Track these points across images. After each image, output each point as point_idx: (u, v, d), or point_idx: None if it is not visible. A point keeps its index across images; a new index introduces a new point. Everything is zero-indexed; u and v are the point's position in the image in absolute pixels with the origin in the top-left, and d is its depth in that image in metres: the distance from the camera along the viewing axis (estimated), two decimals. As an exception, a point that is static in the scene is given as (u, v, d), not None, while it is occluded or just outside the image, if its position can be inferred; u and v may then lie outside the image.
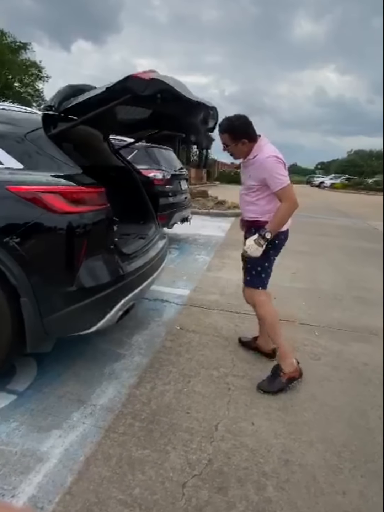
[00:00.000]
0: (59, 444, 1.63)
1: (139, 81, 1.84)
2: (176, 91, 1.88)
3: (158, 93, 1.86)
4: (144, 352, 2.45)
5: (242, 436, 1.74)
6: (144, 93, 1.85)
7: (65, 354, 2.32)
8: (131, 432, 1.72)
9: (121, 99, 1.92)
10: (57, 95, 2.19)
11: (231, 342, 2.65)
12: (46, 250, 1.84)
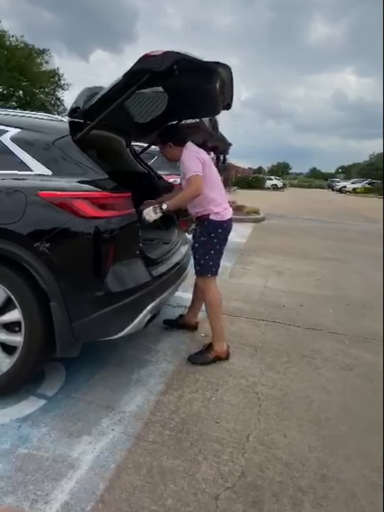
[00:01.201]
0: (89, 450, 1.62)
1: (154, 58, 1.85)
2: (191, 57, 1.89)
3: (174, 65, 1.86)
4: (170, 358, 2.43)
5: (275, 449, 1.69)
6: (161, 68, 1.84)
7: (92, 359, 2.33)
8: (161, 441, 1.69)
9: (141, 80, 1.92)
10: (79, 97, 2.23)
11: (258, 350, 2.60)
12: (74, 254, 1.86)
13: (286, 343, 2.74)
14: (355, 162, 70.02)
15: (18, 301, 1.82)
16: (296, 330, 2.97)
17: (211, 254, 2.40)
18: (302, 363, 2.45)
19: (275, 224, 9.56)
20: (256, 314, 3.28)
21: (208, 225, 2.39)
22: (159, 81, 2.20)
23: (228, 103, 2.74)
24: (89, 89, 2.32)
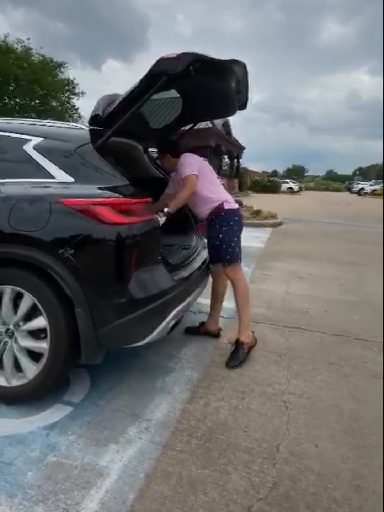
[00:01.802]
0: (117, 459, 1.61)
1: (170, 60, 1.88)
2: (206, 56, 1.93)
3: (190, 66, 1.89)
4: (194, 366, 2.41)
5: (306, 459, 1.63)
6: (178, 70, 1.87)
7: (116, 366, 2.33)
8: (189, 450, 1.67)
9: (158, 84, 1.94)
10: (98, 105, 2.27)
11: (283, 357, 2.54)
12: (98, 261, 1.87)
13: (311, 350, 2.67)
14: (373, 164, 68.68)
15: (43, 307, 1.85)
16: (321, 337, 2.90)
17: (235, 241, 2.53)
18: (330, 370, 2.39)
19: (294, 228, 9.44)
20: (279, 320, 3.22)
21: (225, 215, 2.52)
22: (176, 83, 2.22)
23: (244, 102, 2.75)
24: (108, 97, 2.37)
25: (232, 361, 2.42)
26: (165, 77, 1.94)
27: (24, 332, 1.93)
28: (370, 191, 34.10)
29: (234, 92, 2.49)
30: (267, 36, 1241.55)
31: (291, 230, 9.08)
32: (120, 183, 2.03)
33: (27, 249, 1.84)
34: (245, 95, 2.68)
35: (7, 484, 1.47)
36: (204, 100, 2.74)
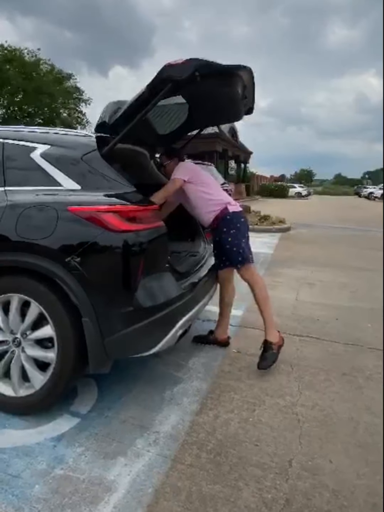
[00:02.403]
0: (125, 472, 1.58)
1: (176, 66, 1.87)
2: (211, 62, 1.92)
3: (196, 71, 1.87)
4: (203, 376, 2.36)
5: (320, 475, 1.58)
6: (183, 76, 1.86)
7: (124, 376, 2.30)
8: (199, 464, 1.62)
9: (164, 90, 1.94)
10: (105, 111, 2.27)
11: (294, 367, 2.48)
12: (105, 269, 1.85)
13: (323, 359, 2.61)
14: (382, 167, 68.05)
15: (50, 316, 1.83)
16: (333, 346, 2.84)
17: (244, 242, 2.53)
18: (343, 381, 2.32)
19: (303, 234, 9.36)
20: (289, 328, 3.16)
21: (232, 218, 2.51)
22: (182, 89, 2.21)
23: (250, 107, 2.74)
24: (114, 104, 2.37)
25: (263, 362, 2.40)
26: (171, 83, 1.93)
27: (31, 341, 1.92)
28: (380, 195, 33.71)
29: (241, 97, 2.47)
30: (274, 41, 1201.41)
31: (300, 236, 9.00)
32: (127, 190, 2.01)
33: (34, 257, 1.83)
34: (252, 101, 2.67)
35: (14, 497, 1.45)
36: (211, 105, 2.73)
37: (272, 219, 10.67)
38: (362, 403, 2.09)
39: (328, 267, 5.56)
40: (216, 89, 2.35)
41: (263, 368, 2.38)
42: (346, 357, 2.66)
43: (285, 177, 65.97)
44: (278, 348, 2.46)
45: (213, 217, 2.53)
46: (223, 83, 2.25)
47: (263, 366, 2.39)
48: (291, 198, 33.96)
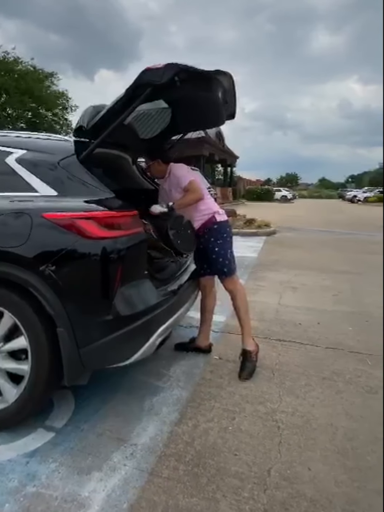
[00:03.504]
0: (100, 488, 1.53)
1: (155, 71, 1.86)
2: (191, 67, 1.91)
3: (175, 76, 1.87)
4: (183, 384, 2.33)
5: (299, 484, 1.56)
6: (163, 81, 1.85)
7: (102, 387, 2.25)
8: (176, 477, 1.59)
9: (144, 94, 1.92)
10: (83, 116, 2.24)
11: (276, 373, 2.47)
12: (81, 277, 1.81)
13: (304, 364, 2.61)
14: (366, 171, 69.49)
15: (24, 327, 1.78)
16: (314, 350, 2.84)
17: (230, 252, 2.53)
18: (323, 386, 2.32)
19: (287, 237, 9.43)
20: (272, 333, 3.16)
21: (218, 228, 2.50)
22: (162, 94, 2.21)
23: (232, 112, 2.75)
24: (93, 108, 2.34)
25: (245, 372, 2.41)
26: (151, 88, 1.92)
27: (4, 353, 1.86)
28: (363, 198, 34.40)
29: (222, 102, 2.48)
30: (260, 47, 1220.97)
31: (284, 239, 9.07)
32: (106, 195, 1.98)
33: (7, 265, 1.77)
34: (233, 105, 2.68)
35: (-18, 519, 1.38)
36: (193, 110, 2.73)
37: (257, 223, 10.74)
38: (341, 408, 2.09)
39: (312, 270, 5.60)
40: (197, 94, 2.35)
41: (246, 378, 2.38)
42: (327, 361, 2.66)
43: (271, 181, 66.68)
44: (256, 355, 2.51)
45: (200, 224, 2.51)
46: (203, 88, 2.25)
47: (245, 376, 2.39)
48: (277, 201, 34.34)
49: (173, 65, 1.89)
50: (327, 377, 2.43)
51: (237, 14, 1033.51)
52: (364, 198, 34.39)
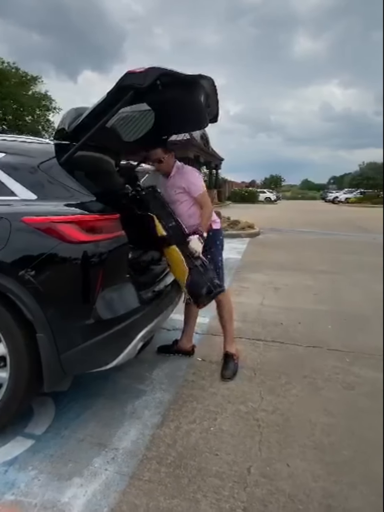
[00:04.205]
0: (81, 493, 1.53)
1: (137, 75, 1.86)
2: (173, 71, 1.92)
3: (157, 80, 1.88)
4: (166, 387, 2.34)
5: (277, 480, 1.59)
6: (145, 84, 1.86)
7: (84, 392, 2.24)
8: (157, 479, 1.60)
9: (125, 97, 1.93)
10: (64, 118, 2.23)
11: (257, 373, 2.51)
12: (62, 282, 1.80)
13: (285, 363, 2.66)
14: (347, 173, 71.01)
15: (2, 334, 1.75)
16: (295, 349, 2.90)
17: (221, 260, 2.54)
18: (303, 384, 2.37)
19: (271, 238, 9.56)
20: (254, 334, 3.20)
21: (213, 235, 2.49)
22: (144, 97, 2.22)
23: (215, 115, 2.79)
24: (74, 110, 2.33)
25: (227, 371, 2.45)
26: (132, 91, 1.93)
27: (-19, 361, 1.83)
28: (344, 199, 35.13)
29: (204, 106, 2.51)
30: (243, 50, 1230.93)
31: (268, 240, 9.19)
32: (87, 199, 1.97)
33: None
34: (216, 109, 2.71)
35: None
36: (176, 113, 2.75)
37: (241, 224, 10.83)
38: (320, 405, 2.14)
39: (294, 271, 5.70)
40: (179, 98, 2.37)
41: (228, 377, 2.41)
42: (307, 359, 2.72)
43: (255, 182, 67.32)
44: (237, 358, 2.56)
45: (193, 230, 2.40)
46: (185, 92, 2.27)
47: (228, 375, 2.42)
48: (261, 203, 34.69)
49: (155, 69, 1.90)
50: (307, 375, 2.48)
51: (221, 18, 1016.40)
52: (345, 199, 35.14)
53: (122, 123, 2.88)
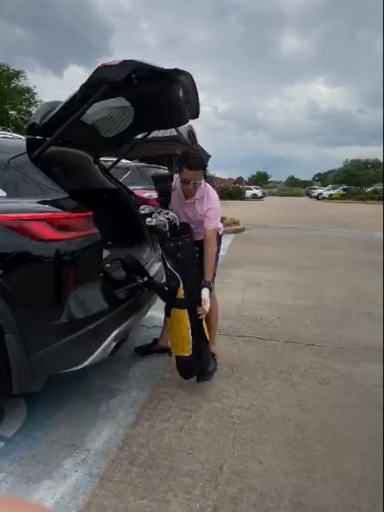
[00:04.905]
0: (49, 496, 1.49)
1: (110, 68, 1.81)
2: (148, 65, 1.86)
3: (132, 73, 1.83)
4: (142, 385, 2.31)
5: (249, 478, 1.59)
6: (119, 78, 1.80)
7: (58, 392, 2.19)
8: (128, 480, 1.57)
9: (98, 92, 1.87)
10: (37, 112, 2.17)
11: (235, 369, 2.51)
12: (31, 281, 1.75)
13: (263, 359, 2.66)
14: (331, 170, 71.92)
15: None
16: (273, 345, 2.90)
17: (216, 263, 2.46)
18: (279, 379, 2.38)
19: (255, 234, 9.60)
20: (233, 330, 3.20)
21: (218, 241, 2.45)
22: (118, 92, 2.16)
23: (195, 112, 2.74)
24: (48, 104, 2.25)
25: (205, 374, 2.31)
26: (107, 85, 1.87)
27: None
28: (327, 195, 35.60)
29: (184, 101, 2.46)
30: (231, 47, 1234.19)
31: (252, 236, 9.22)
32: (58, 196, 1.92)
33: None
34: (196, 105, 2.65)
35: None
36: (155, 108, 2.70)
37: (227, 221, 10.84)
38: (295, 400, 2.15)
39: (277, 266, 5.72)
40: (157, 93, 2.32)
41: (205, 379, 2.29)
42: (285, 355, 2.73)
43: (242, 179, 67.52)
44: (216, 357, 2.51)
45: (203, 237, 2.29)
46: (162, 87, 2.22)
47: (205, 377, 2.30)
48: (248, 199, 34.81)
49: (129, 62, 1.84)
50: (283, 371, 2.48)
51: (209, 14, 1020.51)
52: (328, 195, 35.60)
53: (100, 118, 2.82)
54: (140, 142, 3.46)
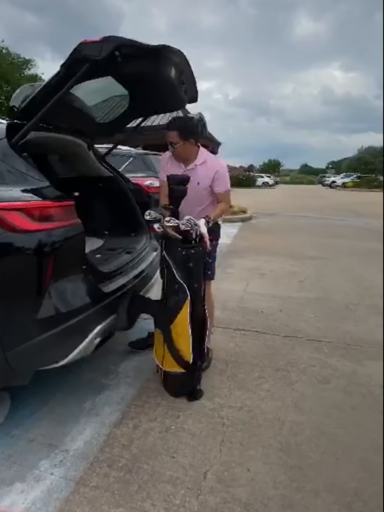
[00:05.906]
0: (20, 501, 1.41)
1: (92, 44, 1.67)
2: (133, 41, 1.71)
3: (116, 51, 1.69)
4: (132, 381, 2.21)
5: (234, 487, 1.47)
6: (101, 56, 1.66)
7: (43, 387, 2.11)
8: (105, 485, 1.48)
9: (81, 71, 1.73)
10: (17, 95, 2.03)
11: (229, 365, 2.38)
12: (7, 274, 1.63)
13: (260, 355, 2.53)
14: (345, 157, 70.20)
15: None
16: (272, 339, 2.77)
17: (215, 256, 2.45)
18: (276, 378, 2.24)
19: (263, 223, 9.38)
20: (232, 323, 3.07)
21: (218, 229, 2.46)
22: (102, 71, 2.00)
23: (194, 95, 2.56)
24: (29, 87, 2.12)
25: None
26: (89, 64, 1.72)
27: None
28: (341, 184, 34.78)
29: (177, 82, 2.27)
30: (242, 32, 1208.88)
31: (260, 225, 9.01)
32: (39, 184, 1.79)
33: None
34: (193, 87, 2.47)
35: None
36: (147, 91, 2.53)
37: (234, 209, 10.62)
38: (291, 400, 2.02)
39: (283, 256, 5.54)
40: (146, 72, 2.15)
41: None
42: (283, 350, 2.59)
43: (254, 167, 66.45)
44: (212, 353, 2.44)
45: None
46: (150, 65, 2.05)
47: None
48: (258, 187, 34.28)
49: (112, 38, 1.70)
50: (281, 368, 2.35)
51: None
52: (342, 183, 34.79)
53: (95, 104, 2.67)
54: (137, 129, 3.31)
